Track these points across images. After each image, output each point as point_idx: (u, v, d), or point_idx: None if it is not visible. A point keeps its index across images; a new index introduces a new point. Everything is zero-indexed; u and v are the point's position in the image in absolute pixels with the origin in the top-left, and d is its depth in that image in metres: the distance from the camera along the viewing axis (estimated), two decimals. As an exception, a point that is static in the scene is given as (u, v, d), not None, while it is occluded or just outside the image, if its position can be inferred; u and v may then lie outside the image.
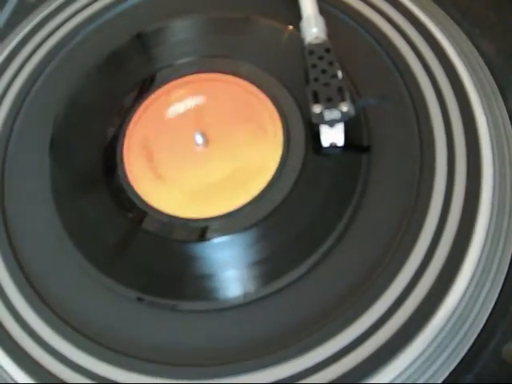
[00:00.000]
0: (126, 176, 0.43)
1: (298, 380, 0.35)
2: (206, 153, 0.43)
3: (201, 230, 0.40)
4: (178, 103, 0.45)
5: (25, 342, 0.39)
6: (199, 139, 0.42)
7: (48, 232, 0.42)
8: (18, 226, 0.43)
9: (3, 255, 0.42)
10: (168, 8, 0.51)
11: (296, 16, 0.45)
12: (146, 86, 0.47)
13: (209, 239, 0.39)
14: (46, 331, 0.39)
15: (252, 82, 0.44)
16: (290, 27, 0.46)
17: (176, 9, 0.50)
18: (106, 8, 0.52)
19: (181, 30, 0.49)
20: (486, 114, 0.41)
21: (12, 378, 0.38)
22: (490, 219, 0.37)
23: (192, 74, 0.46)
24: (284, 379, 0.35)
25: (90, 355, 0.37)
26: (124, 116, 0.46)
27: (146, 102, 0.46)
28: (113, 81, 0.48)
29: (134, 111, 0.46)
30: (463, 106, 0.41)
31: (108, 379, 0.36)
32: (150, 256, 0.40)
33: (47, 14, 0.53)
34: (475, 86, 0.42)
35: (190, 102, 0.45)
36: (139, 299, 0.39)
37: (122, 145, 0.44)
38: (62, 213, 0.43)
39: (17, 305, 0.40)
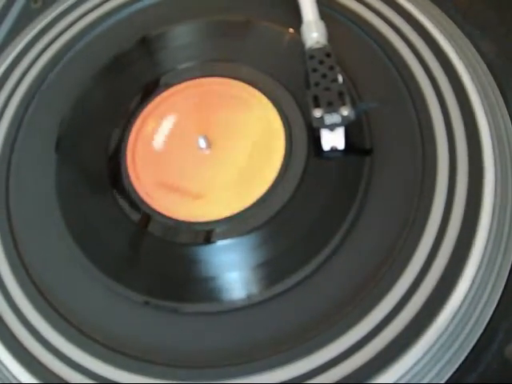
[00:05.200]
0: (130, 179, 0.43)
1: (303, 381, 0.35)
2: (209, 156, 0.43)
3: (205, 233, 0.40)
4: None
5: (29, 343, 0.39)
6: (202, 143, 0.43)
7: (53, 235, 0.42)
8: (23, 229, 0.43)
9: (8, 258, 0.42)
10: (171, 12, 0.51)
11: (299, 19, 0.45)
12: (150, 90, 0.47)
13: (213, 242, 0.39)
14: (51, 333, 0.39)
15: (254, 85, 0.45)
16: (293, 31, 0.46)
17: (179, 13, 0.50)
18: (111, 12, 0.53)
19: (184, 34, 0.50)
20: (487, 115, 0.41)
21: (17, 379, 0.38)
22: (492, 221, 0.37)
23: (195, 78, 0.47)
24: (288, 381, 0.35)
25: (95, 357, 0.38)
26: (129, 119, 0.46)
27: (151, 106, 0.46)
28: (118, 84, 0.48)
29: (139, 115, 0.46)
30: (464, 108, 0.41)
31: (112, 381, 0.37)
32: (155, 259, 0.41)
33: (52, 18, 0.54)
34: (476, 87, 0.42)
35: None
36: (146, 303, 0.39)
37: (127, 148, 0.45)
38: (68, 216, 0.43)
39: (21, 307, 0.40)
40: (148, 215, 0.41)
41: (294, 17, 0.46)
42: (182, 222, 0.41)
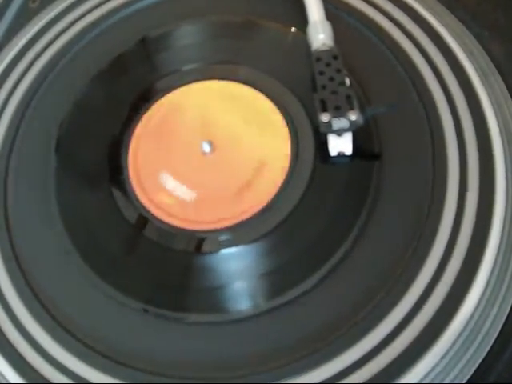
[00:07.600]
0: (131, 182, 0.42)
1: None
2: (212, 161, 0.42)
3: (208, 241, 0.39)
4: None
5: (25, 351, 0.38)
6: (206, 147, 0.42)
7: (52, 239, 0.42)
8: (20, 233, 0.43)
9: (5, 262, 0.41)
10: (172, 13, 0.50)
11: (305, 20, 0.44)
12: (151, 91, 0.46)
13: (216, 250, 0.39)
14: (47, 341, 0.38)
15: (259, 88, 0.44)
16: (299, 32, 0.45)
17: (181, 13, 0.50)
18: (111, 13, 0.52)
19: (186, 35, 0.49)
20: (497, 118, 0.41)
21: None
22: (504, 224, 0.37)
23: (198, 79, 0.46)
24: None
25: (91, 366, 0.37)
26: (130, 121, 0.45)
27: (152, 108, 0.45)
28: (118, 85, 0.48)
29: (140, 116, 0.45)
30: (474, 110, 0.41)
31: None
32: (156, 267, 0.40)
33: (51, 18, 0.53)
34: (486, 89, 0.42)
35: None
36: (145, 310, 0.38)
37: (127, 151, 0.44)
38: (67, 220, 0.42)
39: (18, 313, 0.40)
40: (149, 220, 0.41)
41: (300, 17, 0.45)
42: (184, 229, 0.40)
